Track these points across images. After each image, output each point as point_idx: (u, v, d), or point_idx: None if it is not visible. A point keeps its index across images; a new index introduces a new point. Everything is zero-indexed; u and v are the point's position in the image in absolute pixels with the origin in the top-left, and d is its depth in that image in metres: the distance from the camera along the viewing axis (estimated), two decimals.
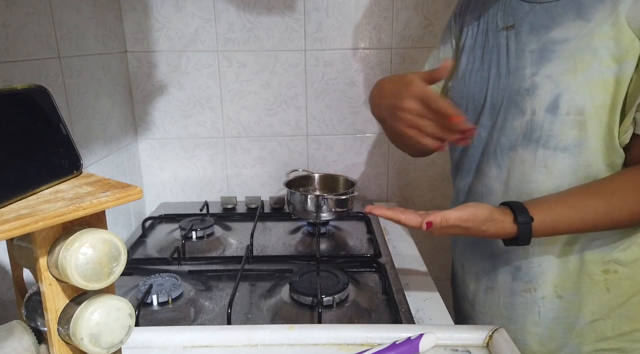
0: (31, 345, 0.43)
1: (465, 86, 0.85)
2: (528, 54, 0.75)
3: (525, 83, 0.75)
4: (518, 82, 0.76)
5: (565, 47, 0.72)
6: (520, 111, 0.75)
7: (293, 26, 1.25)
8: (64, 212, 0.37)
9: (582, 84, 0.70)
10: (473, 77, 0.84)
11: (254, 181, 1.38)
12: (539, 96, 0.73)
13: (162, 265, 0.99)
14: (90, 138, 1.04)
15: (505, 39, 0.79)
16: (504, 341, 0.65)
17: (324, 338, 0.68)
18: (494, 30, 0.82)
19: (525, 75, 0.75)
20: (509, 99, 0.77)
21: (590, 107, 0.70)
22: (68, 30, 0.95)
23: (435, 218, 0.68)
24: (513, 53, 0.78)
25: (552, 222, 0.69)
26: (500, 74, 0.79)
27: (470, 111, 0.84)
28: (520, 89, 0.75)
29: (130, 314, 0.43)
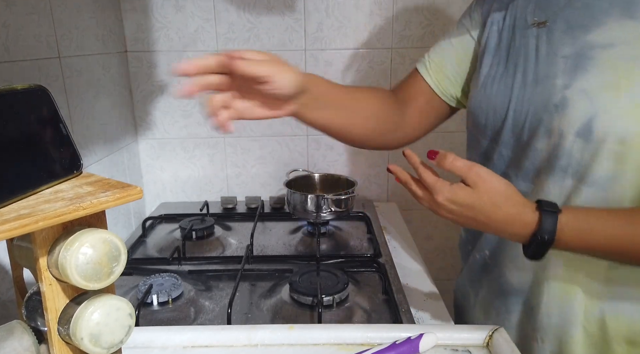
0: (31, 345, 0.43)
1: (485, 96, 0.71)
2: (560, 59, 0.62)
3: (555, 97, 0.62)
4: (546, 95, 0.63)
5: (607, 54, 0.58)
6: (547, 130, 0.63)
7: (293, 26, 1.25)
8: (64, 212, 0.37)
9: (626, 105, 0.56)
10: (495, 85, 0.70)
11: (254, 181, 1.38)
12: (569, 115, 0.60)
13: (162, 265, 0.99)
14: (90, 138, 1.04)
15: (534, 39, 0.66)
16: (504, 341, 0.65)
17: (324, 338, 0.68)
18: (522, 26, 0.68)
19: (556, 86, 0.62)
20: (535, 115, 0.64)
21: (635, 136, 0.56)
22: (68, 30, 0.95)
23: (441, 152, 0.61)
24: (543, 57, 0.64)
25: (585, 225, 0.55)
26: (526, 83, 0.66)
27: (490, 125, 0.71)
28: (548, 103, 0.62)
29: (131, 314, 0.43)
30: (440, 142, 1.35)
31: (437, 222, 1.43)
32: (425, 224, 1.43)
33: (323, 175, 1.25)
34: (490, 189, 0.56)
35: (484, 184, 0.56)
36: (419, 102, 0.83)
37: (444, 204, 0.58)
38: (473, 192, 0.57)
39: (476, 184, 0.57)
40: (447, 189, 0.58)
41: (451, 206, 0.58)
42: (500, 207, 0.56)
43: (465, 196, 0.57)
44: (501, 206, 0.56)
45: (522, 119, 0.66)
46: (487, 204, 0.56)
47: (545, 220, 0.55)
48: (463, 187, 0.57)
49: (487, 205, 0.56)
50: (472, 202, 0.57)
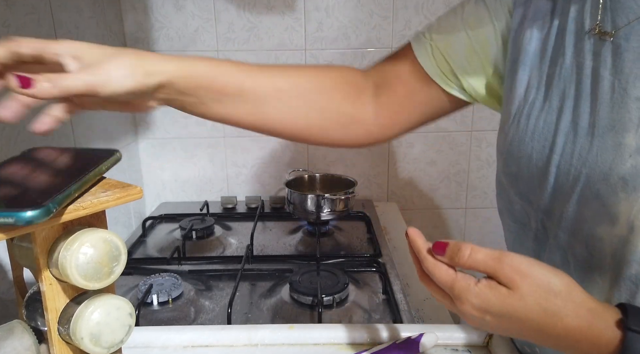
0: (31, 345, 0.43)
1: (518, 134, 0.49)
2: (634, 102, 0.40)
3: (622, 165, 0.40)
4: (608, 159, 0.41)
5: None
6: (608, 214, 0.41)
7: (293, 26, 1.25)
8: (65, 212, 0.37)
9: None
10: (533, 120, 0.48)
11: (254, 181, 1.38)
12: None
13: (162, 265, 0.99)
14: (90, 138, 1.04)
15: (592, 59, 0.43)
16: (504, 341, 0.65)
17: (324, 337, 0.68)
18: (576, 32, 0.45)
19: (624, 147, 0.40)
20: (589, 186, 0.43)
21: None
22: (68, 30, 0.95)
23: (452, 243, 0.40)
24: (605, 92, 0.42)
25: None
26: (577, 129, 0.44)
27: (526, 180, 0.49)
28: (611, 174, 0.41)
29: (131, 313, 0.43)
30: (440, 143, 1.35)
31: (437, 222, 1.43)
32: (426, 224, 1.43)
33: (323, 175, 1.25)
34: (537, 290, 0.36)
35: (526, 282, 0.36)
36: (403, 90, 0.62)
37: (473, 314, 0.38)
38: (510, 295, 0.37)
39: (514, 283, 0.37)
40: (473, 295, 0.38)
41: (484, 316, 0.38)
42: (557, 316, 0.36)
43: (500, 302, 0.37)
44: (559, 314, 0.36)
45: (570, 185, 0.44)
46: (536, 311, 0.36)
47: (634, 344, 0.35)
48: (496, 288, 0.37)
49: (535, 313, 0.36)
50: (512, 311, 0.37)
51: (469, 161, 1.37)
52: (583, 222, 0.44)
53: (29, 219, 0.33)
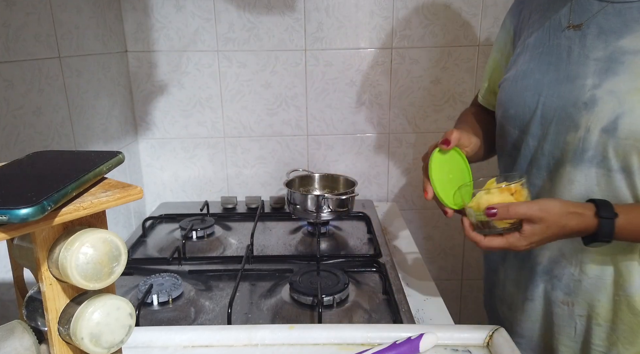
0: (32, 345, 0.43)
1: (516, 89, 0.77)
2: (592, 61, 0.68)
3: (584, 95, 0.68)
4: (576, 93, 0.69)
5: (636, 59, 0.64)
6: (574, 125, 0.69)
7: (293, 26, 1.25)
8: (65, 212, 0.37)
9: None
10: (527, 79, 0.76)
11: (254, 181, 1.38)
12: (597, 113, 0.67)
13: (163, 265, 0.99)
14: (90, 138, 1.04)
15: (567, 41, 0.72)
16: (504, 341, 0.65)
17: (324, 337, 0.68)
18: (557, 28, 0.74)
19: (585, 86, 0.68)
20: (563, 110, 0.71)
21: None
22: (68, 30, 0.95)
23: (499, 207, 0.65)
24: (575, 58, 0.70)
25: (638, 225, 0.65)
26: (558, 80, 0.72)
27: (520, 117, 0.77)
28: (578, 101, 0.69)
29: (131, 313, 0.43)
30: None
31: (437, 222, 1.43)
32: (425, 224, 1.43)
33: (323, 175, 1.25)
34: (554, 217, 0.65)
35: (548, 216, 0.65)
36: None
37: (527, 247, 0.67)
38: (542, 227, 0.65)
39: (542, 219, 0.65)
40: (522, 239, 0.66)
41: (532, 245, 0.68)
42: (566, 225, 0.66)
43: (539, 232, 0.66)
44: (566, 224, 0.65)
45: (550, 113, 0.72)
46: (557, 228, 0.65)
47: (603, 227, 0.64)
48: (532, 227, 0.66)
49: (556, 229, 0.66)
50: (546, 235, 0.66)
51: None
52: (559, 134, 0.72)
53: (23, 216, 0.33)
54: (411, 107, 1.32)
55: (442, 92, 1.31)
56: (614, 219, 0.64)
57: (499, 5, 1.25)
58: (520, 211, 0.65)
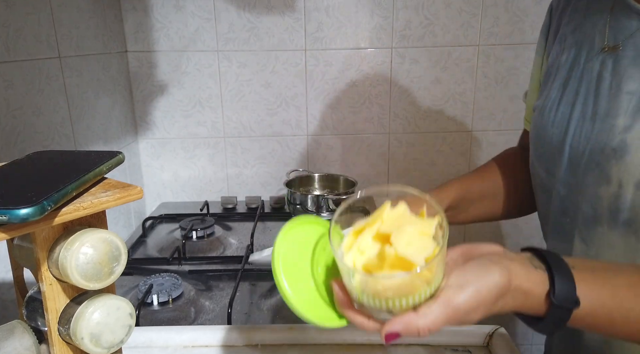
0: (32, 345, 0.43)
1: (543, 124, 0.64)
2: (625, 95, 0.53)
3: (613, 140, 0.54)
4: (604, 136, 0.55)
5: None
6: (605, 177, 0.55)
7: (293, 26, 1.25)
8: (65, 212, 0.37)
9: None
10: (553, 113, 0.62)
11: (254, 181, 1.38)
12: (628, 164, 0.52)
13: (163, 265, 0.99)
14: (90, 138, 1.04)
15: (600, 66, 0.57)
16: (504, 341, 0.65)
17: (324, 338, 0.68)
18: (591, 48, 0.59)
19: (615, 127, 0.54)
20: (591, 157, 0.56)
21: None
22: (68, 30, 0.95)
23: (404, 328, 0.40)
24: (605, 89, 0.56)
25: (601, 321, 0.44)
26: (584, 117, 0.58)
27: (547, 157, 0.63)
28: (606, 147, 0.54)
29: (131, 313, 0.43)
30: (440, 144, 1.35)
31: None
32: None
33: (323, 175, 1.25)
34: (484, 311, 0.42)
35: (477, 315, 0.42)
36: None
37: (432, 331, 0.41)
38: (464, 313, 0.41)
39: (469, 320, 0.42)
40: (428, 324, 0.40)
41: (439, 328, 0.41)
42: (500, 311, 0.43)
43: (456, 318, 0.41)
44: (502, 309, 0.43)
45: (578, 157, 0.58)
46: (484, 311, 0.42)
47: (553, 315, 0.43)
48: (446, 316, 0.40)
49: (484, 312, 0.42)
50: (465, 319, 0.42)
51: (469, 162, 1.37)
52: (588, 186, 0.57)
53: (23, 216, 0.33)
54: (411, 107, 1.32)
55: (442, 92, 1.31)
56: (571, 310, 0.43)
57: (499, 5, 1.25)
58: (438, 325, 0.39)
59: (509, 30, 1.26)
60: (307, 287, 0.45)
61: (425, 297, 0.39)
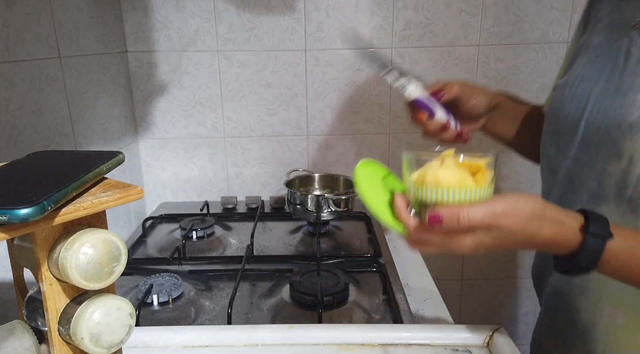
0: (32, 345, 0.43)
1: (562, 100, 0.64)
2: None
3: (632, 115, 0.53)
4: (623, 111, 0.54)
5: None
6: (617, 152, 0.54)
7: (293, 26, 1.25)
8: (65, 212, 0.37)
9: None
10: (574, 89, 0.62)
11: (254, 181, 1.38)
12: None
13: (163, 265, 0.99)
14: (90, 138, 1.04)
15: (628, 41, 0.56)
16: (504, 341, 0.65)
17: (324, 337, 0.68)
18: (622, 26, 0.58)
19: (636, 102, 0.53)
20: (607, 132, 0.56)
21: None
22: (68, 30, 0.95)
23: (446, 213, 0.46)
24: (632, 65, 0.55)
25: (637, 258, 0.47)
26: (607, 92, 0.57)
27: (561, 133, 0.64)
28: (623, 122, 0.54)
29: (131, 313, 0.43)
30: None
31: None
32: None
33: (323, 175, 1.25)
34: (521, 222, 0.47)
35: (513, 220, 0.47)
36: None
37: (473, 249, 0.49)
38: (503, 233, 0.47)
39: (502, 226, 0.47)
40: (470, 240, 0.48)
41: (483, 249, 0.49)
42: (536, 234, 0.48)
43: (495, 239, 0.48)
44: (537, 232, 0.48)
45: (593, 132, 0.58)
46: (523, 235, 0.48)
47: (589, 245, 0.47)
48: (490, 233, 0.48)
49: (522, 236, 0.48)
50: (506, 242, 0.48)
51: None
52: (598, 162, 0.57)
53: (23, 216, 0.33)
54: None
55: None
56: (605, 240, 0.47)
57: (499, 5, 1.25)
58: (477, 219, 0.46)
59: (509, 30, 1.26)
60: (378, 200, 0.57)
61: (471, 199, 0.48)
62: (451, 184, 0.48)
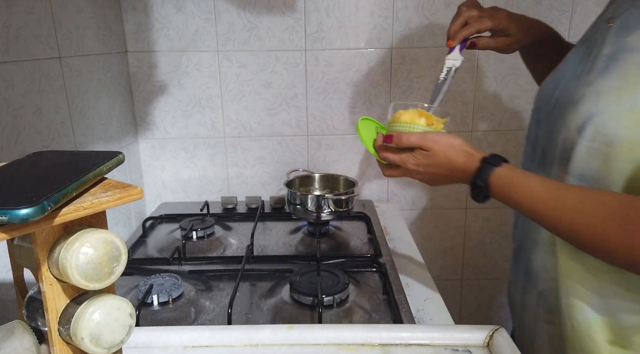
0: (32, 345, 0.43)
1: (545, 82, 0.75)
2: (602, 57, 0.63)
3: (578, 92, 0.64)
4: (573, 89, 0.65)
5: (629, 57, 0.59)
6: (565, 123, 0.65)
7: (293, 26, 1.25)
8: (65, 212, 0.37)
9: (622, 110, 0.56)
10: (557, 71, 0.73)
11: (255, 181, 1.38)
12: (579, 111, 0.62)
13: (163, 265, 0.99)
14: (90, 138, 1.04)
15: (601, 36, 0.66)
16: (504, 341, 0.65)
17: (324, 338, 0.68)
18: (601, 22, 0.68)
19: (583, 83, 0.63)
20: (562, 107, 0.66)
21: (622, 141, 0.56)
22: (68, 30, 0.95)
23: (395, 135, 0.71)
24: (595, 53, 0.65)
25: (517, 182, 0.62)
26: (574, 75, 0.68)
27: (539, 110, 0.75)
28: (573, 98, 0.64)
29: (131, 314, 0.43)
30: None
31: (437, 222, 1.43)
32: (425, 224, 1.43)
33: (323, 175, 1.25)
34: (442, 148, 0.68)
35: (438, 145, 0.69)
36: None
37: (414, 169, 0.71)
38: (430, 154, 0.69)
39: (432, 148, 0.69)
40: (411, 159, 0.71)
41: (419, 169, 0.71)
42: (453, 159, 0.68)
43: (426, 158, 0.70)
44: (454, 158, 0.68)
45: (559, 108, 0.68)
46: (443, 159, 0.68)
47: (482, 169, 0.65)
48: (422, 153, 0.70)
49: (443, 160, 0.68)
50: (432, 162, 0.69)
51: None
52: (554, 133, 0.68)
53: (23, 216, 0.33)
54: None
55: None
56: (494, 166, 0.64)
57: (498, 5, 1.24)
58: (412, 139, 0.70)
59: None
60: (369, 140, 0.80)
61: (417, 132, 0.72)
62: (406, 121, 0.74)
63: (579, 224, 0.57)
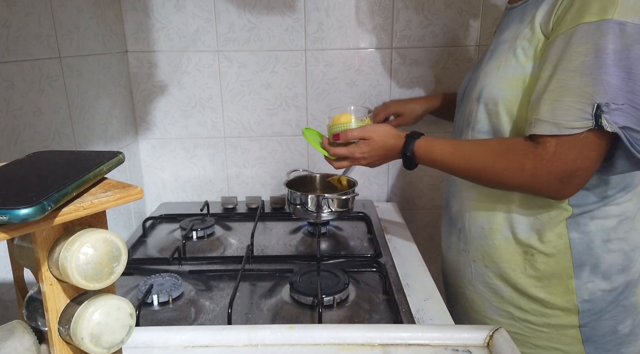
0: (32, 345, 0.43)
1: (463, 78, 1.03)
2: (488, 52, 0.89)
3: (475, 77, 0.90)
4: (474, 78, 0.90)
5: (502, 47, 0.84)
6: (470, 99, 0.89)
7: (293, 26, 1.25)
8: (65, 212, 0.37)
9: (500, 79, 0.81)
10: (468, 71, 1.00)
11: (255, 181, 1.38)
12: (475, 88, 0.87)
13: (163, 265, 0.99)
14: (90, 138, 1.04)
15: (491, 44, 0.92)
16: (504, 341, 0.65)
17: (324, 338, 0.68)
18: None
19: (478, 71, 0.89)
20: (470, 91, 0.91)
21: (503, 100, 0.81)
22: (68, 30, 0.95)
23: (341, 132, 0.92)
24: (489, 53, 0.90)
25: (432, 146, 0.85)
26: (477, 69, 0.92)
27: (459, 96, 0.99)
28: (473, 82, 0.90)
29: (131, 314, 0.43)
30: None
31: (437, 222, 1.43)
32: (425, 224, 1.43)
33: (323, 175, 1.25)
34: (378, 136, 0.89)
35: (375, 134, 0.90)
36: None
37: (360, 157, 0.92)
38: (371, 142, 0.90)
39: (371, 137, 0.90)
40: (358, 149, 0.91)
41: (364, 155, 0.91)
42: (387, 141, 0.89)
43: (368, 146, 0.90)
44: (387, 141, 0.89)
45: (466, 94, 0.93)
46: (381, 143, 0.89)
47: (407, 143, 0.87)
48: (365, 142, 0.91)
49: (381, 144, 0.89)
50: (373, 147, 0.90)
51: None
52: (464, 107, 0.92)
53: (23, 216, 0.33)
54: None
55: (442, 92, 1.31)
56: (415, 139, 0.86)
57: (499, 5, 1.25)
58: (355, 133, 0.91)
59: None
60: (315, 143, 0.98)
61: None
62: (344, 122, 0.94)
63: (477, 164, 0.80)
